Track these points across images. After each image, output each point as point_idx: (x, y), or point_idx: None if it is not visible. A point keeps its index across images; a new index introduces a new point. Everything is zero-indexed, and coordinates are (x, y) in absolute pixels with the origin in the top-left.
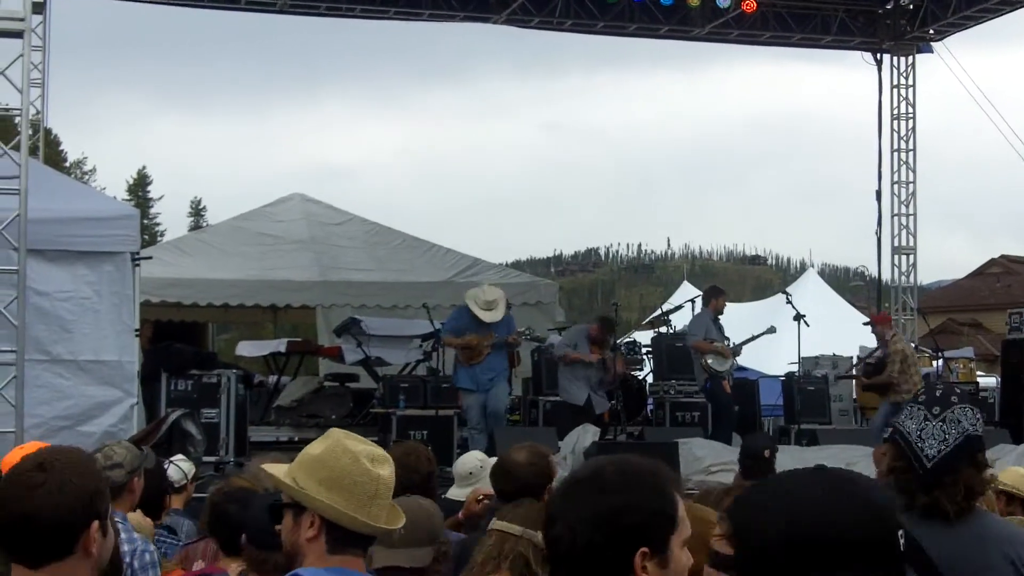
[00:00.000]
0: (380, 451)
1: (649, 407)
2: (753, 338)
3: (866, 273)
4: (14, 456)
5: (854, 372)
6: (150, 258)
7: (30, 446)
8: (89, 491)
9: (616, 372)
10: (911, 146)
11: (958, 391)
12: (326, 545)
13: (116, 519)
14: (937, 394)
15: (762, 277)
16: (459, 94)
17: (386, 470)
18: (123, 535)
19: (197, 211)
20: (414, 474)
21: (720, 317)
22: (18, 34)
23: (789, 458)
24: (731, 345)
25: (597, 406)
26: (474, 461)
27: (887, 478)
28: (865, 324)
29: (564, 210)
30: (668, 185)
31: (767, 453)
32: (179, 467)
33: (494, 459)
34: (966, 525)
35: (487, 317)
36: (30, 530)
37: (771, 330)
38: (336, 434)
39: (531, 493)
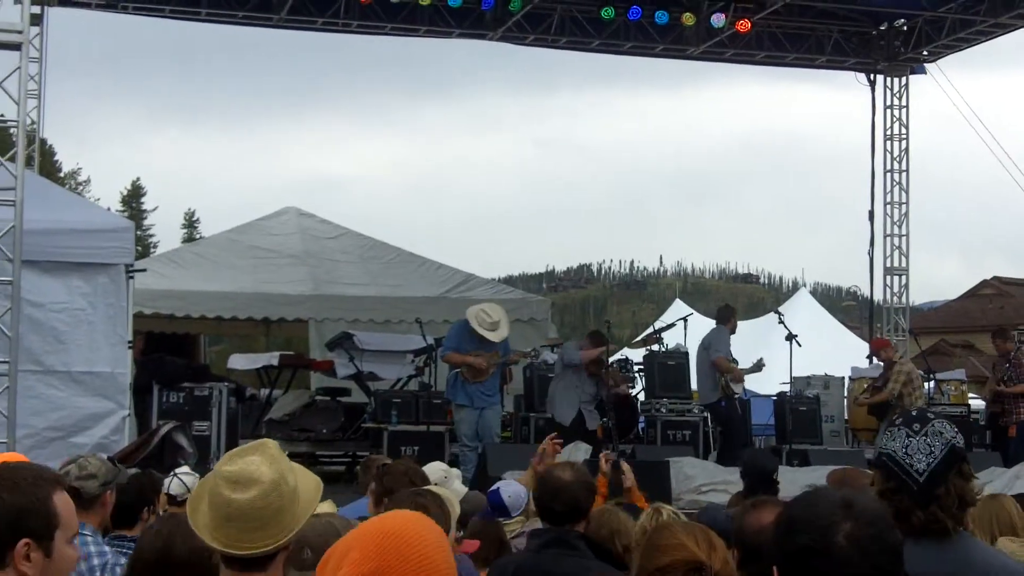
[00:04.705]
0: (254, 474)
1: (641, 425)
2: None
3: (858, 293)
4: None
5: (861, 398)
6: (144, 270)
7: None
8: (16, 507)
9: (610, 387)
10: (904, 166)
11: (931, 411)
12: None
13: (86, 532)
14: (914, 414)
15: (754, 295)
16: (452, 110)
17: (247, 494)
18: (92, 547)
19: (191, 223)
20: (422, 485)
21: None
22: (15, 46)
23: (780, 478)
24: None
25: (588, 421)
26: (439, 471)
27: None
28: (868, 357)
29: (556, 226)
30: (661, 203)
31: (776, 475)
32: (182, 481)
33: (456, 470)
34: (957, 551)
35: (493, 337)
36: None
37: (758, 366)
38: (244, 449)
39: (580, 511)
